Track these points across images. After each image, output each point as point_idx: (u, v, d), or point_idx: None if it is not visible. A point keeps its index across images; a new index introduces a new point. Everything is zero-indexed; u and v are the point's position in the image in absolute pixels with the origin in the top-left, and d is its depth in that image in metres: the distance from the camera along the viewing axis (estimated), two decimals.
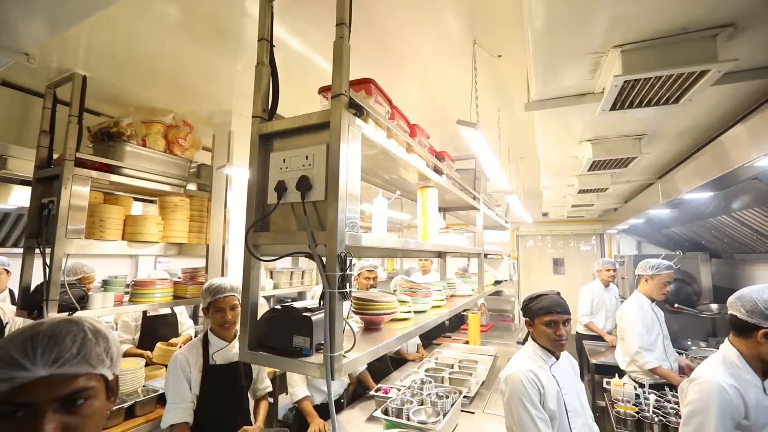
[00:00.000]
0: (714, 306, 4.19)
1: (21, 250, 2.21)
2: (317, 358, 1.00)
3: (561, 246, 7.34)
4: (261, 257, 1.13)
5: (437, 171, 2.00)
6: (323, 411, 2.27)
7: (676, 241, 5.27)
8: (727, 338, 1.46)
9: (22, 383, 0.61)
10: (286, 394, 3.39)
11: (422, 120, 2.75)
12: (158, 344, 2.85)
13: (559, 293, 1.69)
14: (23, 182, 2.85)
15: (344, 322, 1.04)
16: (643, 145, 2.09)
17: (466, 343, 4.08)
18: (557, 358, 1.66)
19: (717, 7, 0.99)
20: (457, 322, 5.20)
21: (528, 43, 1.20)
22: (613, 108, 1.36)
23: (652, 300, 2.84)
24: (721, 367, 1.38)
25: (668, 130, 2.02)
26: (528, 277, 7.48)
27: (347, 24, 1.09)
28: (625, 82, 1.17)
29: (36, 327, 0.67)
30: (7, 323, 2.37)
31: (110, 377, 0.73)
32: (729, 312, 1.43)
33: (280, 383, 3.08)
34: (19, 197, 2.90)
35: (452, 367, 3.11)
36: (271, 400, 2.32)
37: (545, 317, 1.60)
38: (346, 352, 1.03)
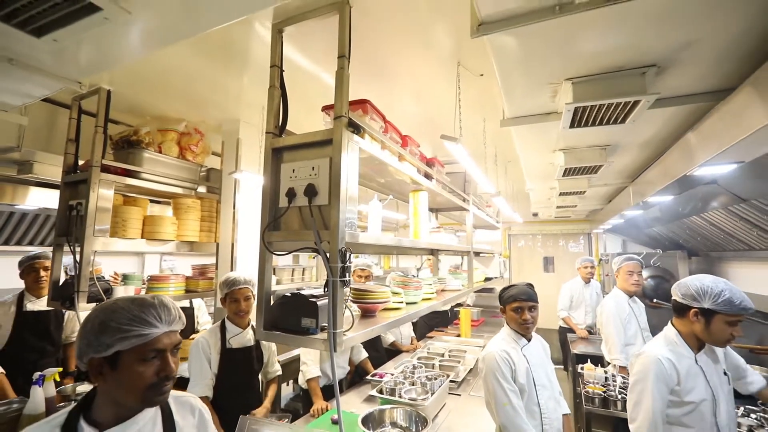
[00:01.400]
0: None
1: (37, 249, 2.45)
2: (322, 335, 1.23)
3: (551, 245, 7.60)
4: (274, 252, 1.36)
5: (427, 176, 2.22)
6: (326, 393, 2.51)
7: (657, 240, 5.53)
8: (670, 320, 1.72)
9: (156, 336, 0.93)
10: (287, 385, 3.63)
11: (414, 128, 2.97)
12: (182, 341, 3.11)
13: (530, 285, 1.93)
14: (39, 184, 3.06)
15: (344, 306, 1.27)
16: (609, 154, 2.34)
17: (458, 336, 4.33)
18: (528, 341, 1.91)
19: (642, 53, 1.25)
20: (450, 318, 5.45)
21: (497, 74, 1.44)
22: (571, 126, 1.61)
23: (630, 295, 3.08)
24: (662, 344, 1.64)
25: (630, 141, 2.28)
26: (519, 275, 7.72)
27: (347, 56, 1.31)
28: (576, 107, 1.42)
29: (147, 300, 0.96)
30: (65, 312, 2.61)
31: None
32: (672, 297, 1.68)
33: (284, 374, 3.30)
34: (36, 199, 3.10)
35: (443, 356, 3.34)
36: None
37: (513, 304, 1.85)
38: (345, 332, 1.26)
